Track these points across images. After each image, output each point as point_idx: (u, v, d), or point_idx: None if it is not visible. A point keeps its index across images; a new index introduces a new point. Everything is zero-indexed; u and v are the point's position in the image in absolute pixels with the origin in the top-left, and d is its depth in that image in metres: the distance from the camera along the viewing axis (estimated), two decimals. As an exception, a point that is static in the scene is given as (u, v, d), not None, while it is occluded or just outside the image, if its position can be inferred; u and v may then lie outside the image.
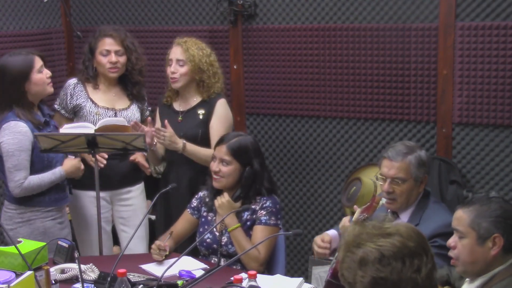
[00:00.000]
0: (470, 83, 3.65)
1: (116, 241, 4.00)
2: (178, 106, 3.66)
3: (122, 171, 3.71)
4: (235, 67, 4.30)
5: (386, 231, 1.80)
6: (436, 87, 3.74)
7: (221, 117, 3.59)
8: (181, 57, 3.52)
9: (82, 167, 3.48)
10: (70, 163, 3.45)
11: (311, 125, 4.17)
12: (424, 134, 3.84)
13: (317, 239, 3.08)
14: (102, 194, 3.56)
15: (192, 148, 3.51)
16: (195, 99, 3.62)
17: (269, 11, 4.17)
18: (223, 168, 3.12)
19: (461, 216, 2.30)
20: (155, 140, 3.51)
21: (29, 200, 3.37)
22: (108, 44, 3.64)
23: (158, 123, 3.66)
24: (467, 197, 2.39)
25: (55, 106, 3.73)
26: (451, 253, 2.35)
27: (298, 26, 4.09)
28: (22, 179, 3.29)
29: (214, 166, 3.14)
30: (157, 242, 3.08)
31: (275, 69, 4.21)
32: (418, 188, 2.92)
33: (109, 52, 3.63)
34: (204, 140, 3.56)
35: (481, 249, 2.26)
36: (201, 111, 3.58)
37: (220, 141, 3.17)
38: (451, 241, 2.35)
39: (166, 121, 3.47)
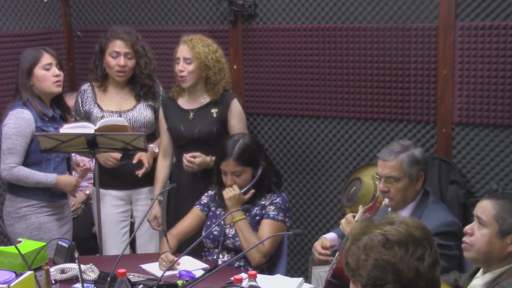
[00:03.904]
0: (470, 83, 3.65)
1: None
2: (185, 104, 3.63)
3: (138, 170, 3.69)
4: (235, 67, 4.29)
5: (392, 220, 1.82)
6: (436, 87, 3.74)
7: (239, 117, 3.60)
8: (187, 55, 3.51)
9: (79, 194, 3.53)
10: (68, 179, 3.48)
11: (311, 125, 4.17)
12: (424, 134, 3.84)
13: (318, 246, 3.05)
14: (121, 194, 3.66)
15: None
16: (205, 98, 3.60)
17: (269, 11, 4.17)
18: (237, 179, 3.13)
19: (487, 206, 2.33)
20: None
21: (24, 190, 3.41)
22: (118, 46, 3.62)
23: (162, 117, 3.67)
24: (496, 189, 2.40)
25: (72, 113, 3.77)
26: (465, 239, 2.38)
27: (298, 26, 4.09)
28: (12, 163, 3.35)
29: (229, 180, 3.14)
30: (167, 257, 3.00)
31: (275, 69, 4.21)
32: (414, 186, 2.91)
33: (119, 54, 3.62)
34: (218, 137, 3.52)
35: (499, 243, 2.30)
36: (214, 110, 3.57)
37: (223, 156, 3.13)
38: (468, 228, 2.38)
39: (192, 154, 3.48)
